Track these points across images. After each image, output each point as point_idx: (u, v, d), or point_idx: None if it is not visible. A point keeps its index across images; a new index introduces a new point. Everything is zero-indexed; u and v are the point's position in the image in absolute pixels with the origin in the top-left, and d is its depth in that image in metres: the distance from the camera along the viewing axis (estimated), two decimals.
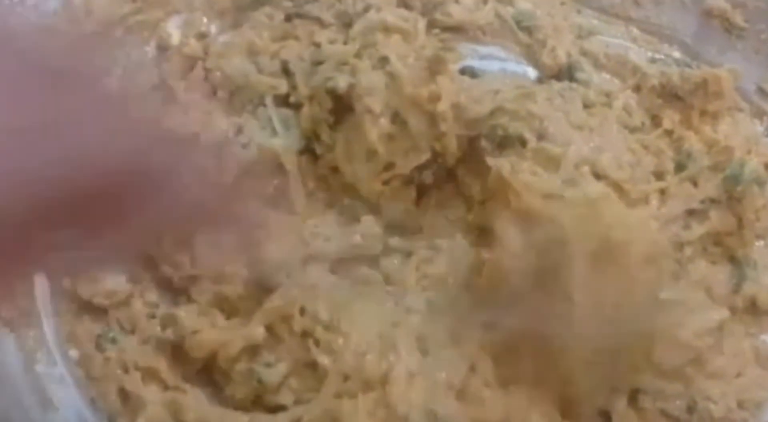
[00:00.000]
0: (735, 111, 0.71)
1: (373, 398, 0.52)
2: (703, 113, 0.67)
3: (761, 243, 0.63)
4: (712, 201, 0.62)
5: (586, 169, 0.60)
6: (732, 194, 0.62)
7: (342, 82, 0.61)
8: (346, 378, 0.53)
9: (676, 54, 0.76)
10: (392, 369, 0.53)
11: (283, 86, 0.65)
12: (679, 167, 0.64)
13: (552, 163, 0.60)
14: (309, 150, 0.64)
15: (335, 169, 0.63)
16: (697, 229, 0.61)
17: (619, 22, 0.77)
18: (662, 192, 0.63)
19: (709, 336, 0.55)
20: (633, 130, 0.67)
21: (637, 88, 0.70)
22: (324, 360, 0.54)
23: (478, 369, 0.54)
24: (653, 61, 0.73)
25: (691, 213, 0.61)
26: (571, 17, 0.76)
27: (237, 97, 0.66)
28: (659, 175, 0.64)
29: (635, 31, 0.77)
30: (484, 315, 0.55)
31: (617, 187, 0.60)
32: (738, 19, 0.74)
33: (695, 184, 0.63)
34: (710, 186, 0.62)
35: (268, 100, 0.65)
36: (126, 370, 0.55)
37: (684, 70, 0.70)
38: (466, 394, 0.54)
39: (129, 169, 0.35)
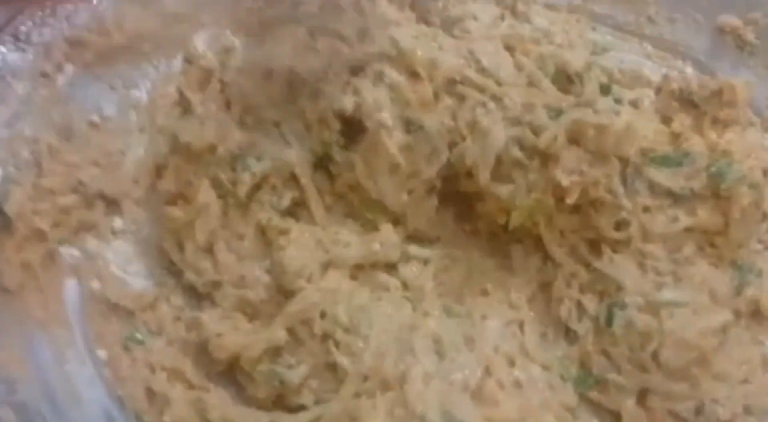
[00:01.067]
0: (747, 125, 0.73)
1: (391, 398, 0.53)
2: (715, 121, 0.69)
3: (760, 246, 0.65)
4: (695, 194, 0.63)
5: None
6: (717, 191, 0.63)
7: (348, 104, 0.63)
8: (365, 378, 0.55)
9: (689, 69, 0.78)
10: (409, 370, 0.54)
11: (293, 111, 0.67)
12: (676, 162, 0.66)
13: None
14: (323, 166, 0.66)
15: (353, 187, 0.65)
16: (685, 220, 0.62)
17: (634, 39, 0.79)
18: None
19: (713, 337, 0.57)
20: None
21: (658, 90, 0.73)
22: (344, 361, 0.56)
23: (492, 371, 0.56)
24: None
25: (676, 201, 0.63)
26: (586, 34, 0.78)
27: (251, 113, 0.67)
28: None
29: (649, 47, 0.79)
30: None
31: None
32: (750, 35, 0.76)
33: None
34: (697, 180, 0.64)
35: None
36: (152, 370, 0.57)
37: (702, 77, 0.73)
38: (481, 395, 0.55)
39: None
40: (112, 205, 0.66)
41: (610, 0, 0.80)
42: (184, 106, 0.69)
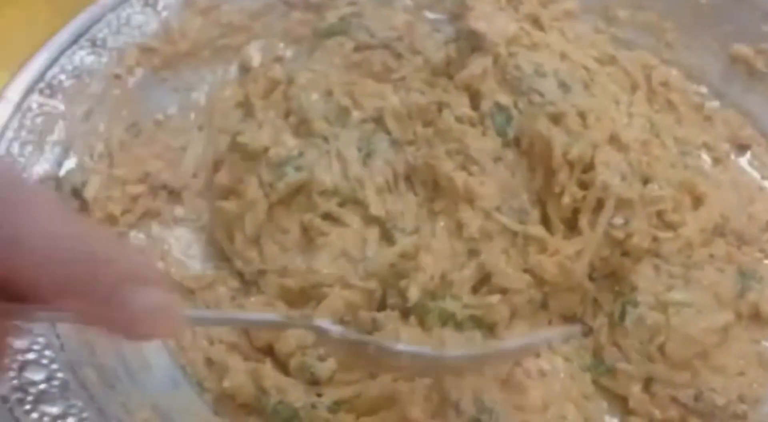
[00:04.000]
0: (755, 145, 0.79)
1: (427, 384, 0.56)
2: None
3: (761, 255, 0.70)
4: None
5: None
6: None
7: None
8: (400, 368, 0.56)
9: (704, 89, 0.83)
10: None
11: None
12: None
13: None
14: None
15: None
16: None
17: None
18: None
19: (715, 335, 0.61)
20: None
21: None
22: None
23: (522, 362, 0.59)
24: None
25: None
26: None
27: (305, 126, 0.70)
28: None
29: None
30: None
31: None
32: (760, 64, 0.81)
33: None
34: None
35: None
36: (211, 343, 0.61)
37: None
38: (510, 383, 0.58)
39: None
40: (174, 195, 0.71)
41: (632, 26, 0.85)
42: (247, 110, 0.74)
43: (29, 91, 0.68)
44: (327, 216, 0.66)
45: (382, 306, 0.63)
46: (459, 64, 0.75)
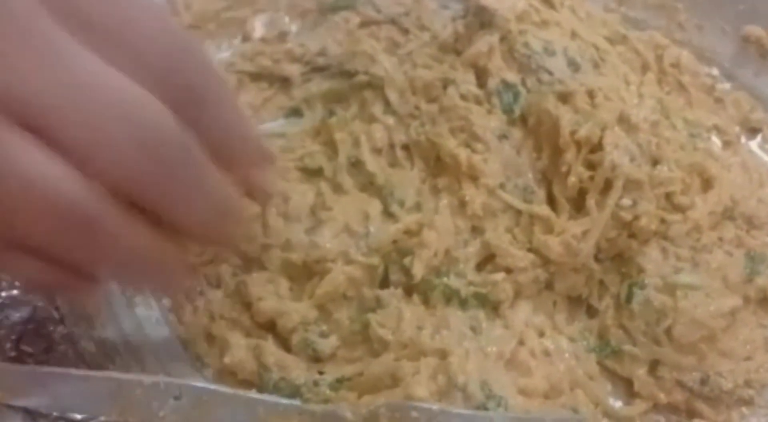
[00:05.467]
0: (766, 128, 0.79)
1: (433, 363, 0.55)
2: None
3: None
4: None
5: None
6: None
7: None
8: (404, 346, 0.57)
9: (715, 71, 0.82)
10: (447, 341, 0.56)
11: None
12: None
13: None
14: None
15: None
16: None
17: None
18: None
19: (722, 319, 0.60)
20: None
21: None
22: (380, 332, 0.57)
23: (526, 341, 0.59)
24: None
25: None
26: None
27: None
28: None
29: None
30: None
31: None
32: None
33: None
34: None
35: None
36: (212, 319, 0.61)
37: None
38: (514, 363, 0.58)
39: None
40: None
41: (643, 6, 0.84)
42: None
43: None
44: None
45: (384, 282, 0.63)
46: (467, 41, 0.74)
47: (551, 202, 0.65)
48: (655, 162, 0.65)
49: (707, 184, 0.68)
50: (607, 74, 0.71)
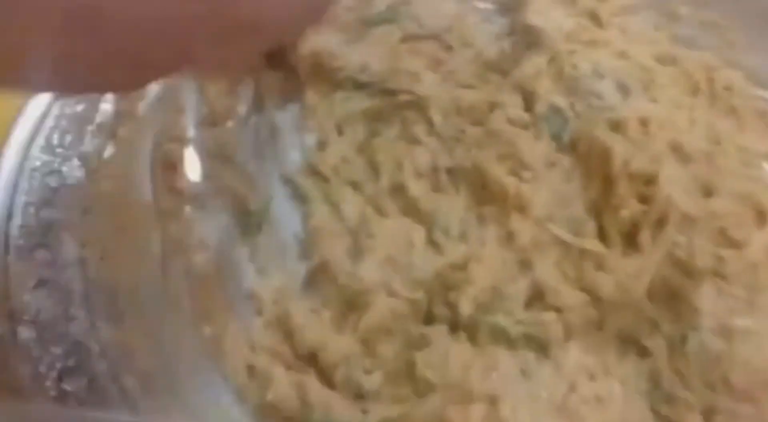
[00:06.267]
0: None
1: (482, 409, 0.53)
2: None
3: None
4: None
5: None
6: None
7: None
8: (451, 388, 0.55)
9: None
10: (497, 384, 0.55)
11: None
12: None
13: None
14: None
15: None
16: None
17: None
18: None
19: None
20: None
21: None
22: (427, 373, 0.56)
23: (577, 386, 0.57)
24: None
25: None
26: None
27: None
28: None
29: None
30: None
31: None
32: None
33: None
34: None
35: None
36: (253, 349, 0.59)
37: None
38: (565, 410, 0.56)
39: None
40: None
41: (695, 24, 0.81)
42: None
43: None
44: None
45: (428, 316, 0.61)
46: (512, 61, 0.72)
47: (601, 233, 0.63)
48: (708, 193, 0.63)
49: (761, 216, 0.65)
50: (658, 98, 0.69)
